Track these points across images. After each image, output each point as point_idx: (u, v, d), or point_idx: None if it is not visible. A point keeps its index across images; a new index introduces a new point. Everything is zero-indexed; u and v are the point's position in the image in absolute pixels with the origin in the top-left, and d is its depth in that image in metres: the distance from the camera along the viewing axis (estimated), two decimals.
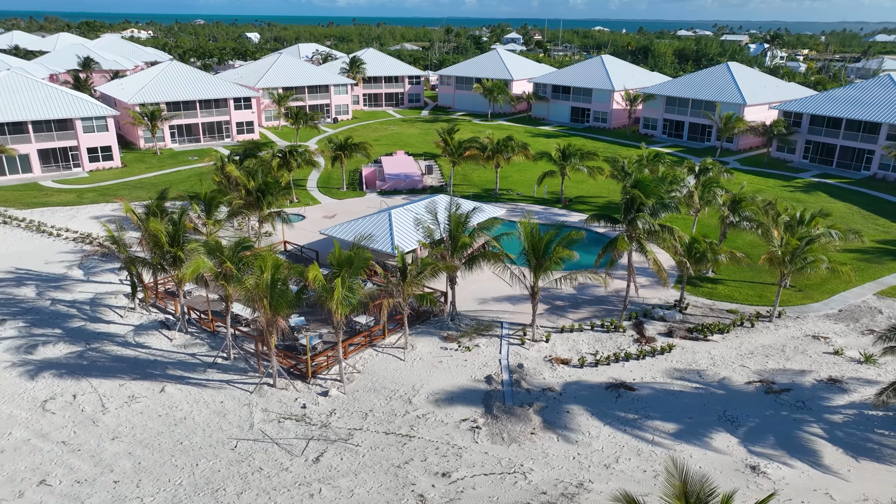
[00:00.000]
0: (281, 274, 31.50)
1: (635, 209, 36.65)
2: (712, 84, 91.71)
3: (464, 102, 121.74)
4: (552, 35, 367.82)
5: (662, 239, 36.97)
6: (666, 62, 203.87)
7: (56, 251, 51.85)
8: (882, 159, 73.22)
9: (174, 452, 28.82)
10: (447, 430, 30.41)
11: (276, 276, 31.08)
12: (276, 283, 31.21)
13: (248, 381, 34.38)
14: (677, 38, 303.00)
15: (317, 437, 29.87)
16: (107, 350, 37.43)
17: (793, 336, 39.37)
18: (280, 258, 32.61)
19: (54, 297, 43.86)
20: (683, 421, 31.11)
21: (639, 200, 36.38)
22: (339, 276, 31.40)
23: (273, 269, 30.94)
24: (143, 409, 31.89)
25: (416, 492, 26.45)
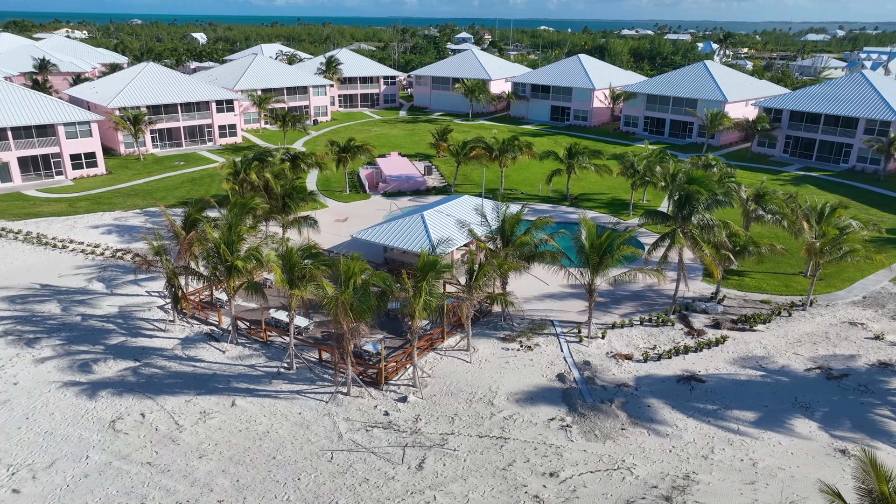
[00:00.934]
0: (360, 280, 30.96)
1: (691, 205, 37.62)
2: (691, 82, 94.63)
3: (441, 102, 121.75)
4: (503, 35, 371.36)
5: (715, 234, 38.07)
6: (623, 61, 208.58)
7: (68, 264, 49.36)
8: (860, 152, 77.16)
9: (270, 468, 27.99)
10: (538, 430, 30.56)
11: (357, 281, 30.53)
12: (362, 289, 30.68)
13: (319, 391, 33.65)
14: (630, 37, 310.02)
15: (411, 443, 29.52)
16: (160, 365, 35.95)
17: (830, 323, 41.19)
18: (365, 264, 32.02)
19: (83, 313, 41.79)
20: (760, 409, 32.17)
21: (695, 197, 37.36)
22: (423, 280, 31.10)
23: (358, 275, 30.39)
24: (220, 425, 30.81)
25: (530, 493, 26.51)
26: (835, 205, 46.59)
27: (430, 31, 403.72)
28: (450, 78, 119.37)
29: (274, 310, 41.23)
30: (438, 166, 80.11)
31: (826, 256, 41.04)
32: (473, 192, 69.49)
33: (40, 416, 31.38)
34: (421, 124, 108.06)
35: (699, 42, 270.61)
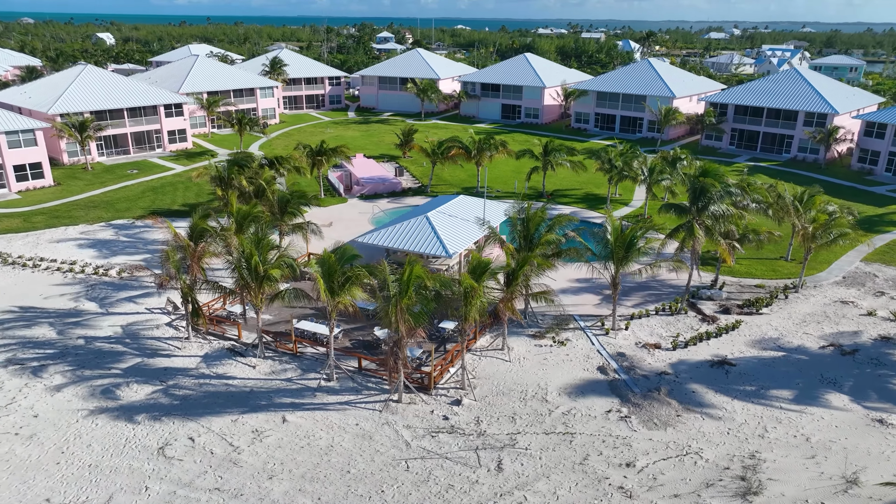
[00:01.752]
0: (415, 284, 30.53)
1: (706, 197, 39.34)
2: (639, 79, 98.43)
3: (389, 103, 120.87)
4: (424, 34, 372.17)
5: (730, 223, 39.98)
6: (551, 59, 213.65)
7: (46, 284, 45.81)
8: (801, 143, 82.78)
9: (348, 482, 27.20)
10: (599, 422, 31.19)
11: (412, 286, 30.09)
12: (418, 293, 30.26)
13: (368, 400, 32.93)
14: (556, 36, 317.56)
15: (481, 446, 29.45)
16: (189, 385, 34.08)
17: (825, 303, 44.14)
18: (425, 269, 31.50)
19: (84, 335, 38.96)
20: (794, 387, 34.14)
21: (708, 189, 39.11)
22: (477, 282, 31.02)
23: (425, 278, 29.95)
24: (278, 443, 29.62)
25: (614, 485, 27.07)
26: (812, 192, 49.90)
27: (347, 30, 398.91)
28: (397, 78, 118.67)
29: (296, 320, 39.95)
30: (407, 167, 79.61)
31: (818, 241, 43.92)
32: (450, 192, 69.61)
33: (77, 448, 29.13)
34: (374, 125, 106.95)
35: (619, 41, 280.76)
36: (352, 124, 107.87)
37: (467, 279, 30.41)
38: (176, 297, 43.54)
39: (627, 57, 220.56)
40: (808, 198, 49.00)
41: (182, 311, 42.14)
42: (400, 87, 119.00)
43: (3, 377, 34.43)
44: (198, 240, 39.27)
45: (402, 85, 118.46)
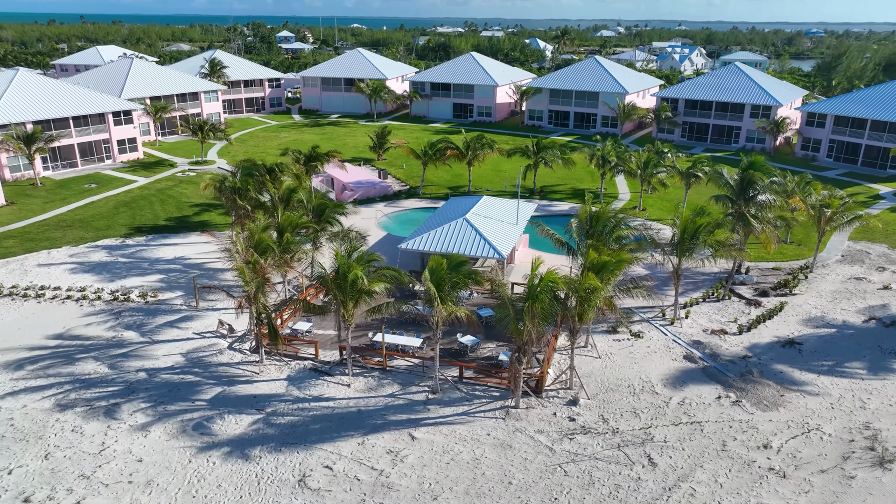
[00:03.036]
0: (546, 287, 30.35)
1: (753, 188, 41.69)
2: (589, 76, 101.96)
3: (333, 104, 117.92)
4: (326, 33, 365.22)
5: (773, 212, 42.60)
6: None
7: (63, 315, 41.37)
8: (748, 133, 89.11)
9: (516, 494, 26.70)
10: (716, 408, 32.40)
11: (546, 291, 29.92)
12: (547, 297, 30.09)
13: (485, 409, 32.38)
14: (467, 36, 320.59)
15: (622, 443, 29.81)
16: (290, 411, 32.04)
17: (842, 280, 48.01)
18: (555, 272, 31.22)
19: (141, 367, 35.59)
20: (862, 359, 37.01)
21: (756, 180, 41.49)
22: (601, 281, 31.27)
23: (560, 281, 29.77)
24: (422, 462, 28.56)
25: (764, 466, 28.29)
26: (808, 180, 53.96)
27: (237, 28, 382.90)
28: (341, 79, 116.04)
29: (371, 333, 38.50)
30: (386, 168, 78.23)
31: (833, 223, 47.68)
32: (439, 193, 69.32)
33: (207, 490, 26.71)
34: (328, 128, 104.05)
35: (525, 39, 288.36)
36: (303, 127, 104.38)
37: (592, 279, 30.61)
38: (228, 318, 40.77)
39: (540, 55, 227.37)
40: (805, 185, 53.23)
41: (237, 332, 39.52)
42: (345, 87, 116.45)
43: (76, 421, 30.87)
44: (262, 254, 37.03)
45: (348, 86, 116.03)
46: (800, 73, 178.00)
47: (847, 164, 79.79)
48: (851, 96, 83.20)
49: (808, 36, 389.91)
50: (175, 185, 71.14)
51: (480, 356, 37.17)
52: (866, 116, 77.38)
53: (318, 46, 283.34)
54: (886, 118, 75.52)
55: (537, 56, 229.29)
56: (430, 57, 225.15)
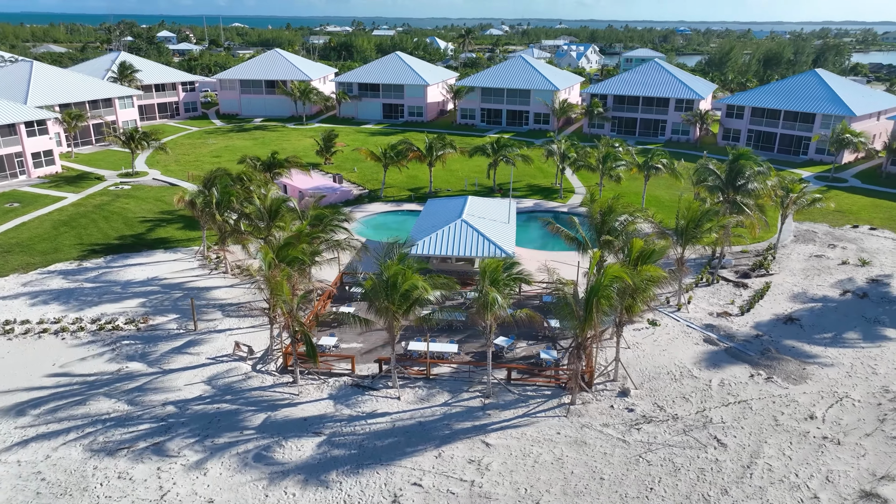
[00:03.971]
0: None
1: (742, 176, 44.47)
2: (519, 74, 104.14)
3: (254, 107, 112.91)
4: (212, 32, 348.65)
5: (759, 200, 45.64)
6: (372, 57, 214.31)
7: (48, 350, 37.15)
8: (674, 126, 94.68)
9: (613, 489, 27.05)
10: (753, 386, 34.34)
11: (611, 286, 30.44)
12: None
13: (543, 408, 32.52)
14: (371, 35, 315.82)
15: (687, 428, 30.95)
16: (350, 431, 30.61)
17: (805, 258, 52.26)
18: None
19: (166, 400, 32.64)
20: (855, 329, 40.56)
21: (744, 169, 44.30)
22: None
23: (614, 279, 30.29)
24: (508, 468, 28.24)
25: (817, 436, 30.38)
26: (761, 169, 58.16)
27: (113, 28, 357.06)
28: (262, 81, 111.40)
29: (405, 342, 37.48)
30: (339, 173, 76.05)
31: (796, 206, 51.81)
32: (403, 196, 68.48)
33: None
34: (258, 132, 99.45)
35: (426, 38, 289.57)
36: (230, 133, 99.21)
37: (653, 269, 31.51)
38: (243, 339, 38.23)
39: (443, 54, 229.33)
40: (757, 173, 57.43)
41: (256, 353, 37.17)
42: (266, 90, 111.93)
43: (119, 466, 27.87)
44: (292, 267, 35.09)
45: (269, 88, 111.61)
46: (686, 69, 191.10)
47: (765, 151, 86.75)
48: (765, 89, 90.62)
49: (679, 34, 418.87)
50: (112, 200, 65.52)
51: (516, 356, 37.25)
52: (779, 107, 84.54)
53: (208, 47, 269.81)
54: (798, 109, 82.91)
55: (439, 55, 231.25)
56: (333, 57, 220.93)
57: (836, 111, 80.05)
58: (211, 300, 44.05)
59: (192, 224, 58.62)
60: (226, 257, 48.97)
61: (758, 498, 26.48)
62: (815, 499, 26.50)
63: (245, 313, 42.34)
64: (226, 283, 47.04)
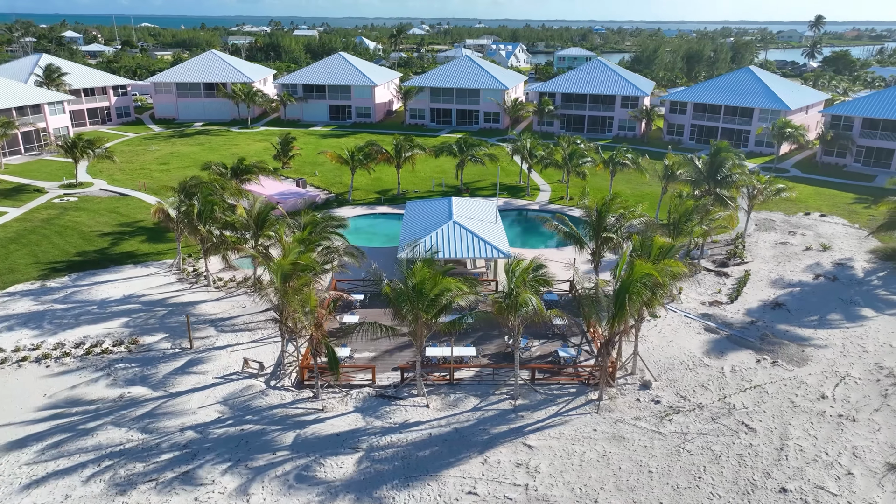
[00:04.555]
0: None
1: (722, 168, 46.30)
2: (467, 74, 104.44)
3: (193, 111, 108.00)
4: (122, 33, 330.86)
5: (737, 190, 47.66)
6: (301, 58, 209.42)
7: (34, 380, 34.21)
8: (620, 122, 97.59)
9: (664, 480, 27.51)
10: (762, 371, 35.81)
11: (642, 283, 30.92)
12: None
13: (572, 407, 32.74)
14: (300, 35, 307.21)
15: (714, 416, 31.89)
16: (387, 444, 29.74)
17: (772, 246, 55.02)
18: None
19: (182, 425, 30.68)
20: (837, 310, 43.03)
21: (724, 162, 46.17)
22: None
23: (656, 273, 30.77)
24: (557, 468, 28.21)
25: (833, 413, 32.03)
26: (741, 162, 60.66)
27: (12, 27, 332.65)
28: (200, 83, 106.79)
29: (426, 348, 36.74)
30: (302, 178, 73.88)
31: (763, 196, 54.44)
32: (371, 199, 67.38)
33: None
34: (203, 137, 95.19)
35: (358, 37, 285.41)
36: (172, 139, 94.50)
37: (679, 265, 32.27)
38: (250, 355, 36.46)
39: (373, 54, 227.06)
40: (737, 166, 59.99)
41: (267, 369, 35.56)
42: (205, 93, 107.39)
43: (153, 500, 25.96)
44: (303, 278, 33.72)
45: (208, 91, 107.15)
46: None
47: (708, 144, 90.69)
48: (705, 85, 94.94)
49: (596, 33, 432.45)
50: (61, 213, 61.06)
51: (533, 356, 37.33)
52: (720, 102, 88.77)
53: (121, 49, 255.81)
54: (738, 104, 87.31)
55: (368, 55, 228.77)
56: (260, 58, 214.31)
57: (772, 106, 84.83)
58: (200, 316, 41.81)
59: (156, 236, 55.54)
60: (208, 270, 46.56)
61: (799, 478, 27.65)
62: (849, 475, 27.94)
63: (240, 328, 40.46)
64: (210, 296, 44.80)
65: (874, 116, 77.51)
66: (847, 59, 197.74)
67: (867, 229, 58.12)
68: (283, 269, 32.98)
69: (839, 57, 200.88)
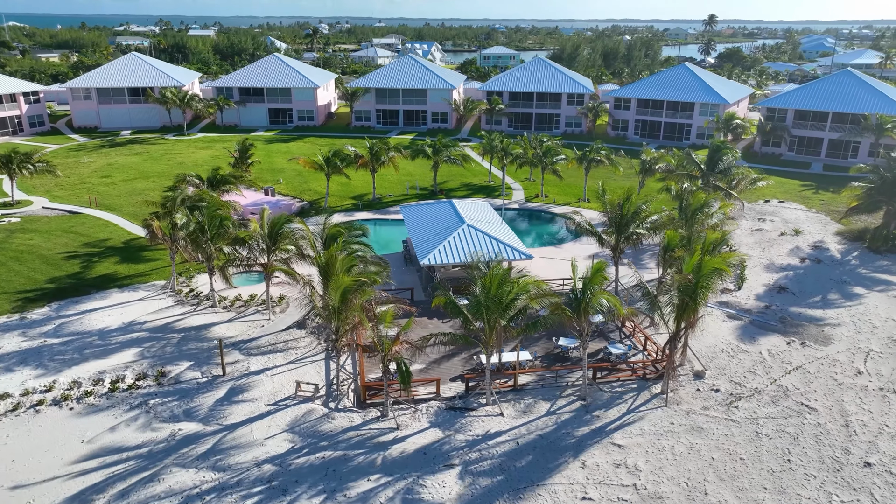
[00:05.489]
0: None
1: (721, 161, 48.45)
2: (411, 74, 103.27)
3: (118, 119, 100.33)
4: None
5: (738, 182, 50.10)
6: (210, 59, 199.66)
7: (63, 425, 30.63)
8: (567, 119, 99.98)
9: (757, 466, 28.40)
10: (794, 352, 37.73)
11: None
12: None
13: (641, 403, 33.21)
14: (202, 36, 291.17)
15: (773, 399, 33.28)
16: (479, 456, 28.92)
17: (748, 233, 58.16)
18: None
19: (255, 459, 28.44)
20: (833, 290, 46.03)
21: (721, 155, 48.36)
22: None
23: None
24: (656, 465, 28.46)
25: (874, 389, 34.29)
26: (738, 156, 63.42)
27: None
28: (124, 88, 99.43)
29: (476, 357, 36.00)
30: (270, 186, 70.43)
31: (741, 187, 57.45)
32: (346, 206, 65.38)
33: None
34: (136, 146, 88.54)
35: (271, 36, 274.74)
36: (102, 149, 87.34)
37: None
38: (289, 376, 34.31)
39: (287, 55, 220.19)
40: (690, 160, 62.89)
41: (321, 390, 33.66)
42: (130, 99, 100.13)
43: None
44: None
45: (134, 96, 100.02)
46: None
47: (652, 138, 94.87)
48: (646, 82, 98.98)
49: (498, 31, 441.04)
50: (7, 236, 54.96)
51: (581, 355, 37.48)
52: (663, 98, 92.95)
53: (14, 52, 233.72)
54: (680, 98, 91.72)
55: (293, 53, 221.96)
56: (164, 60, 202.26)
57: (712, 100, 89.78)
58: (216, 339, 38.85)
59: (130, 257, 51.31)
60: (213, 290, 43.41)
61: (875, 452, 29.40)
62: None
63: (268, 349, 38.03)
64: (220, 318, 41.83)
65: (804, 108, 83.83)
66: (739, 55, 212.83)
67: (824, 213, 62.85)
68: (344, 284, 31.33)
69: (732, 53, 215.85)
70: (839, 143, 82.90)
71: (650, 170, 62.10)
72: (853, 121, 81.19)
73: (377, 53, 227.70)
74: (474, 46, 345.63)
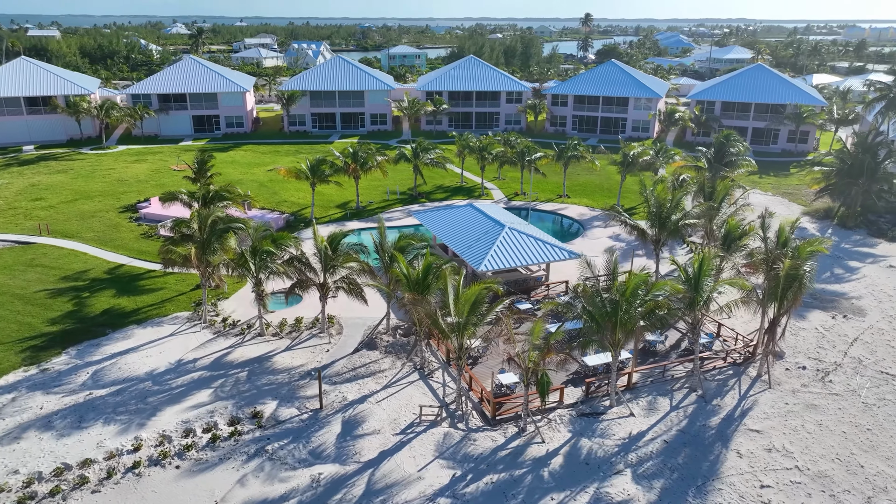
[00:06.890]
0: None
1: (728, 152, 51.31)
2: (346, 76, 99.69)
3: (14, 133, 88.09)
4: None
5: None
6: (78, 62, 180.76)
7: (177, 486, 26.61)
8: (506, 117, 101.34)
9: (877, 433, 30.49)
10: (840, 326, 40.94)
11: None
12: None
13: (687, 404, 34.45)
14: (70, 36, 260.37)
15: (857, 370, 35.87)
16: (639, 461, 28.75)
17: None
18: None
19: (422, 495, 26.38)
20: (836, 266, 50.42)
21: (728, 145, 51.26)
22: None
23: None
24: (802, 445, 29.71)
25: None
26: (665, 148, 67.08)
27: None
28: (21, 98, 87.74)
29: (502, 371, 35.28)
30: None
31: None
32: (335, 216, 62.23)
33: None
34: (52, 163, 78.36)
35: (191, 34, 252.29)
36: (9, 168, 76.42)
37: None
38: (391, 403, 32.15)
39: (160, 58, 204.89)
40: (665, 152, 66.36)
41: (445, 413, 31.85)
42: (27, 109, 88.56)
43: None
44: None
45: (32, 106, 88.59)
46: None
47: (589, 133, 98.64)
48: (580, 79, 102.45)
49: (374, 30, 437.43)
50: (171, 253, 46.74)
51: (666, 347, 38.29)
52: (598, 94, 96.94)
53: None
54: (613, 94, 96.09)
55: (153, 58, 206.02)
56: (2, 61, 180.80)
57: (644, 94, 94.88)
58: (286, 371, 35.61)
59: (125, 288, 45.82)
60: (262, 317, 39.55)
61: None
62: None
63: (351, 375, 35.36)
64: (276, 347, 38.29)
65: (729, 100, 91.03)
66: (617, 52, 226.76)
67: (780, 196, 68.68)
68: (473, 295, 29.80)
69: (610, 50, 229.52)
70: (762, 130, 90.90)
71: (633, 163, 64.53)
72: (773, 110, 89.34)
73: (261, 54, 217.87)
74: (352, 46, 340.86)
